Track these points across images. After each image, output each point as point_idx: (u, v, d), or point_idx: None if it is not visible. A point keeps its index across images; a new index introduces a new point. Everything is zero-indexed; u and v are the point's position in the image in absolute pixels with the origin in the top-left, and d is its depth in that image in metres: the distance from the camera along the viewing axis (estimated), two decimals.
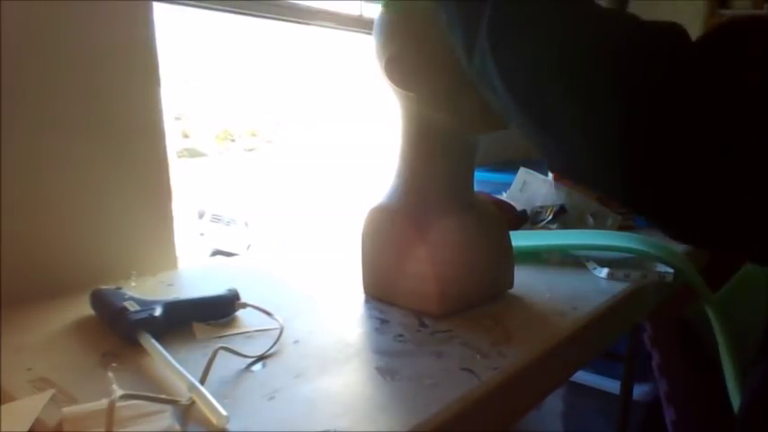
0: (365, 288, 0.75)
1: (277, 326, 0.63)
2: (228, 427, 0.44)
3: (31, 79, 0.72)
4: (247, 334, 0.63)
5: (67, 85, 0.76)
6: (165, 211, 0.89)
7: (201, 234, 3.03)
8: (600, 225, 1.08)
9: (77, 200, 0.79)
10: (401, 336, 0.62)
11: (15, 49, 0.70)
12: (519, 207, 1.12)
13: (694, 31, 0.40)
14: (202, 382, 0.49)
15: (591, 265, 0.87)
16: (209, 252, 2.91)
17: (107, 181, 0.81)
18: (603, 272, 0.84)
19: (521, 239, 0.91)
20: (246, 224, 2.91)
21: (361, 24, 1.29)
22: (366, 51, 0.70)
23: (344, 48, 1.33)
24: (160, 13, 0.85)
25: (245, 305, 0.67)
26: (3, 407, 0.47)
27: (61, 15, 0.74)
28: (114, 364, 0.55)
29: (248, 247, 2.74)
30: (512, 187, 1.23)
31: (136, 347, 0.57)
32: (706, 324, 0.89)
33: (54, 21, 0.73)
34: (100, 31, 0.78)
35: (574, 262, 0.90)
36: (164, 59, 0.86)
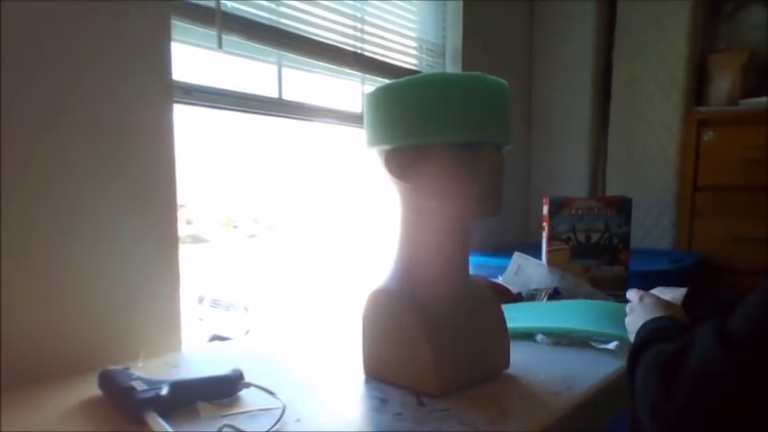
0: (365, 368, 0.77)
1: (280, 405, 0.64)
2: None
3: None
4: (251, 413, 0.64)
5: (90, 175, 0.82)
6: (173, 296, 0.93)
7: (201, 319, 3.02)
8: None
9: (90, 283, 0.82)
10: (400, 414, 0.64)
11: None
12: (514, 290, 1.16)
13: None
14: None
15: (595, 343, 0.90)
16: (208, 337, 2.89)
17: (119, 266, 0.85)
18: (612, 344, 0.86)
19: (517, 315, 0.93)
20: (246, 309, 2.91)
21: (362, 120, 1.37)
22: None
23: (346, 139, 1.41)
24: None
25: (248, 385, 0.69)
26: None
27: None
28: None
29: (247, 332, 2.73)
30: (507, 271, 1.27)
31: (143, 426, 0.59)
32: None
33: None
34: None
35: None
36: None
